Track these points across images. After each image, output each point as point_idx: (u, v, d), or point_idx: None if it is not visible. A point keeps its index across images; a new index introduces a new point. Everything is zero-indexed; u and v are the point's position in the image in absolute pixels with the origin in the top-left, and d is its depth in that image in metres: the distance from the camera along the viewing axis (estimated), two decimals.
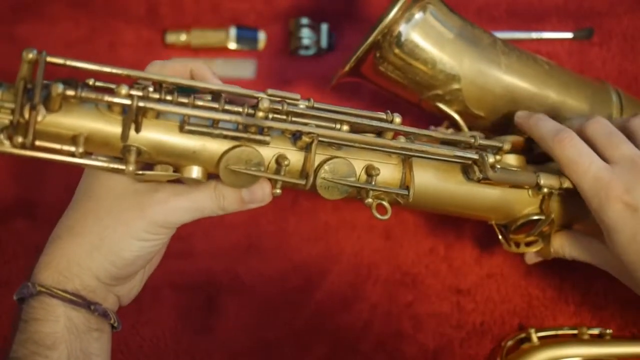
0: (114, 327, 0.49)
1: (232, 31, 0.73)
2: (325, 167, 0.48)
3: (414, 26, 0.56)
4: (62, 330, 0.45)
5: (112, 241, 0.47)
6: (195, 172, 0.46)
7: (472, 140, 0.52)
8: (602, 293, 0.64)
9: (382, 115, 0.49)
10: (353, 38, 0.72)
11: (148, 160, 0.46)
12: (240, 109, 0.45)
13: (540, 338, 0.62)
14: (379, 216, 0.50)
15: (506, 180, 0.53)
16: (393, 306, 0.64)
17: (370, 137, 0.49)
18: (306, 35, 0.72)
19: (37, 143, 0.42)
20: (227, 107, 0.45)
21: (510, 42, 0.62)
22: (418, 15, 0.56)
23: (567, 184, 0.54)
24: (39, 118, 0.41)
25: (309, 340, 0.63)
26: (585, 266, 0.61)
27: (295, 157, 0.47)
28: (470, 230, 0.66)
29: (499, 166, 0.52)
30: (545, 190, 0.54)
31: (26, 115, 0.41)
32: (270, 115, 0.46)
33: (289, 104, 0.47)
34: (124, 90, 0.42)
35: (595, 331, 0.62)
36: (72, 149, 0.43)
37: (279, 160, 0.47)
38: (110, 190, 0.47)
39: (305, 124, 0.47)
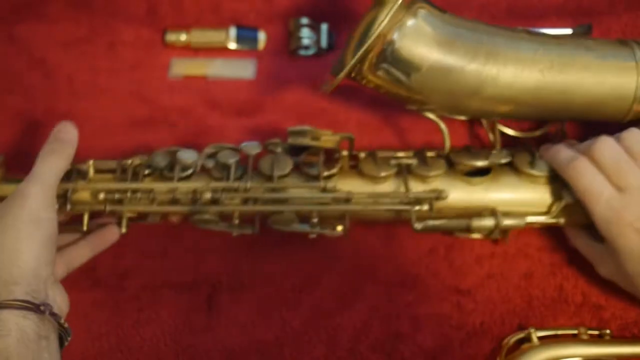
0: (63, 337, 0.50)
1: (232, 31, 0.73)
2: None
3: (402, 36, 0.54)
4: (14, 343, 0.46)
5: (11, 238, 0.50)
6: None
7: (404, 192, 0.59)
8: (602, 293, 0.64)
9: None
10: None
11: None
12: None
13: (540, 338, 0.61)
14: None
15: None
16: (392, 306, 0.64)
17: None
18: (306, 35, 0.72)
19: None
20: None
21: None
22: (409, 24, 0.54)
23: None
24: None
25: (308, 340, 0.63)
26: (585, 266, 0.61)
27: None
28: None
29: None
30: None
31: None
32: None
33: None
34: None
35: (595, 331, 0.62)
36: None
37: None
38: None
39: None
